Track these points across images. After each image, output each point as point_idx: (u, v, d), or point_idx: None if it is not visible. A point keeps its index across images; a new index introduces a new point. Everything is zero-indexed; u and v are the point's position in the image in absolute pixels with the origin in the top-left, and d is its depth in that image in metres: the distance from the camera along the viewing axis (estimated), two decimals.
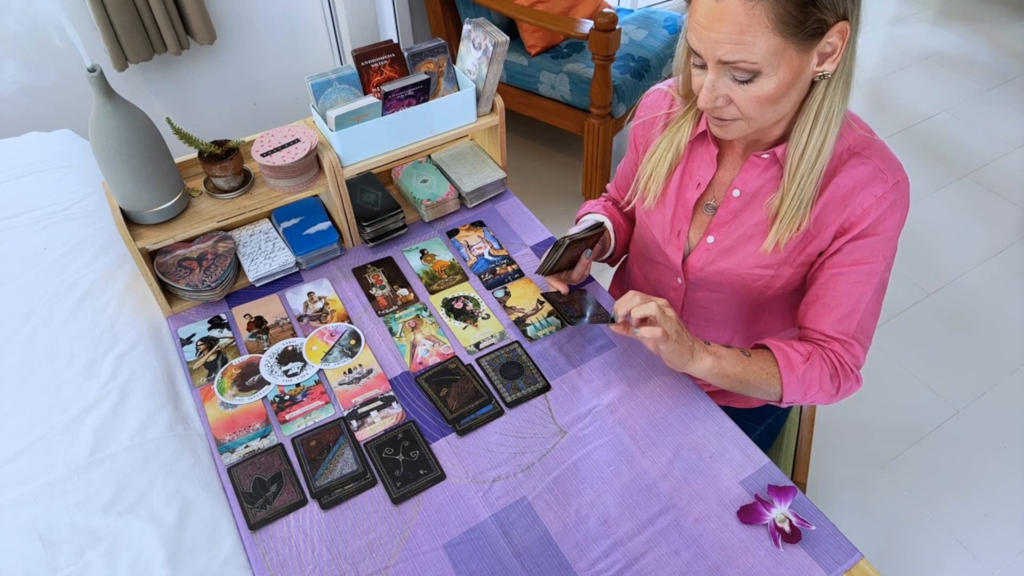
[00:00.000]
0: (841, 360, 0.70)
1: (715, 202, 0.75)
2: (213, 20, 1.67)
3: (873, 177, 0.67)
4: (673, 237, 0.78)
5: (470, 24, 0.90)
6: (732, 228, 0.74)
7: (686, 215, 0.77)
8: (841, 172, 0.67)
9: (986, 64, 2.36)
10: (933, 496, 1.27)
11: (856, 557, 0.62)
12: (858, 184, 0.67)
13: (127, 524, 0.65)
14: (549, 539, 0.64)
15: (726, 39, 0.58)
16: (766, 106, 0.62)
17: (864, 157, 0.67)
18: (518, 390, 0.76)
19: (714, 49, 0.59)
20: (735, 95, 0.62)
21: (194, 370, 0.79)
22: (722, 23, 0.57)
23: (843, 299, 0.69)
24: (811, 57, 0.60)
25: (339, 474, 0.69)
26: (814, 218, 0.69)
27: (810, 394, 0.70)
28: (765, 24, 0.56)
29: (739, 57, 0.58)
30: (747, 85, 0.61)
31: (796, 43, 0.58)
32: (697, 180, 0.75)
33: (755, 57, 0.58)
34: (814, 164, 0.66)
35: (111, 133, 0.74)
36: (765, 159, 0.70)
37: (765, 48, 0.57)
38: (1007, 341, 1.52)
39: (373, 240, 0.93)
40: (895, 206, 0.67)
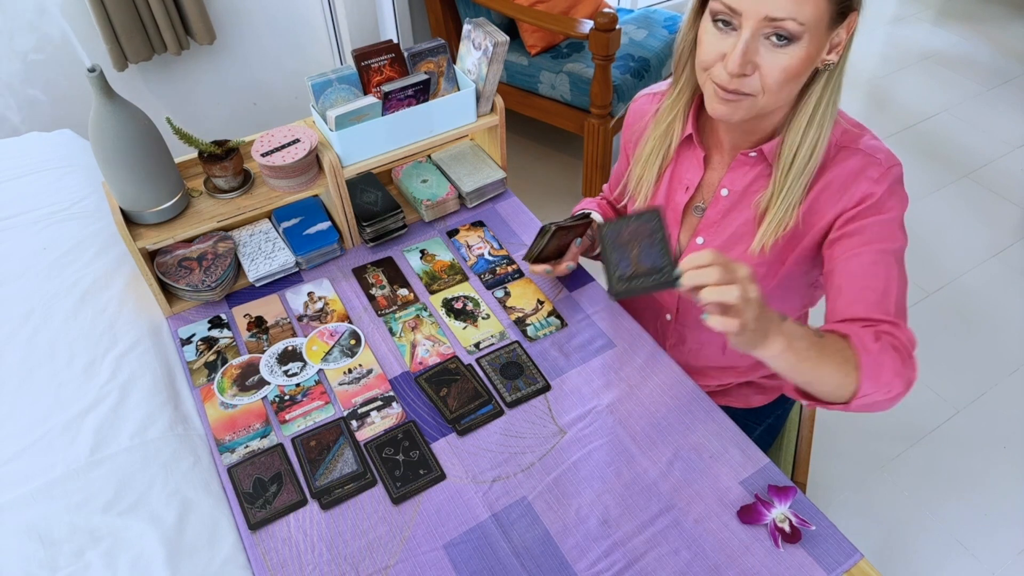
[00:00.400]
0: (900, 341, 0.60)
1: (704, 203, 0.75)
2: (213, 20, 1.67)
3: (866, 163, 0.66)
4: None
5: (470, 24, 0.90)
6: (721, 228, 0.74)
7: (675, 219, 0.77)
8: (831, 167, 0.67)
9: (986, 64, 2.36)
10: (933, 496, 1.27)
11: (856, 557, 0.62)
12: (852, 173, 0.66)
13: (127, 524, 0.65)
14: (549, 539, 0.64)
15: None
16: (789, 81, 0.60)
17: (852, 150, 0.67)
18: (518, 390, 0.76)
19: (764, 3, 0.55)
20: (765, 62, 0.59)
21: (194, 370, 0.79)
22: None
23: (872, 280, 0.62)
24: (828, 41, 0.59)
25: (339, 474, 0.69)
26: (803, 214, 0.68)
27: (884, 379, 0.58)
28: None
29: (790, 13, 0.55)
30: (781, 51, 0.58)
31: (830, 19, 0.57)
32: (686, 184, 0.75)
33: (804, 17, 0.56)
34: (807, 163, 0.65)
35: (111, 133, 0.73)
36: (752, 157, 0.70)
37: (814, 10, 0.56)
38: (1007, 341, 1.52)
39: (373, 240, 0.93)
40: (894, 188, 0.65)
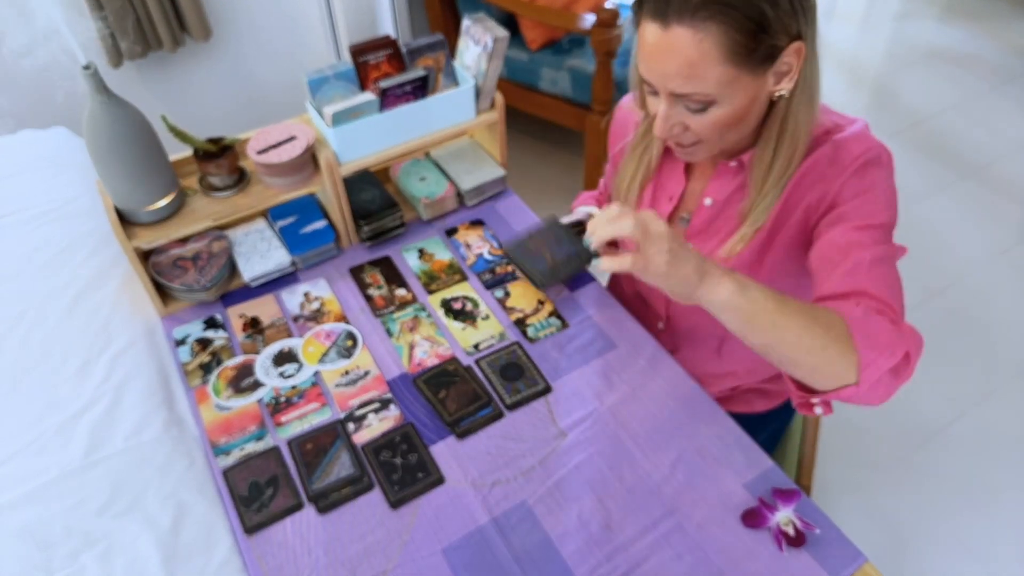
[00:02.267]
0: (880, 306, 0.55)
1: (688, 214, 0.75)
2: (209, 16, 1.66)
3: (833, 152, 0.64)
4: None
5: (469, 19, 0.89)
6: (706, 237, 0.73)
7: None
8: (806, 159, 0.66)
9: (992, 62, 2.34)
10: (939, 499, 1.26)
11: (860, 561, 0.61)
12: (824, 162, 0.64)
13: (122, 527, 0.64)
14: (550, 544, 0.63)
15: (676, 72, 0.56)
16: (725, 130, 0.62)
17: (821, 140, 0.66)
18: (518, 392, 0.75)
19: (665, 82, 0.58)
20: (691, 123, 0.61)
21: (189, 371, 0.78)
22: (671, 56, 0.56)
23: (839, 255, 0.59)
24: (766, 79, 0.59)
25: (336, 477, 0.68)
26: (775, 214, 0.67)
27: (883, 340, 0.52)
28: (715, 56, 0.55)
29: (691, 90, 0.57)
30: (702, 114, 0.60)
31: (748, 70, 0.57)
32: (669, 194, 0.75)
33: (707, 89, 0.57)
34: (781, 177, 0.65)
35: (105, 131, 0.73)
36: (733, 167, 0.70)
37: (716, 79, 0.56)
38: (1013, 342, 1.50)
39: (370, 239, 0.92)
40: (863, 171, 0.62)
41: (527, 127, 2.08)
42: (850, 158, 0.64)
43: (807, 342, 0.52)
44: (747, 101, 0.59)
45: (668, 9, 0.55)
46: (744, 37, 0.55)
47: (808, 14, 0.58)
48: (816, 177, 0.65)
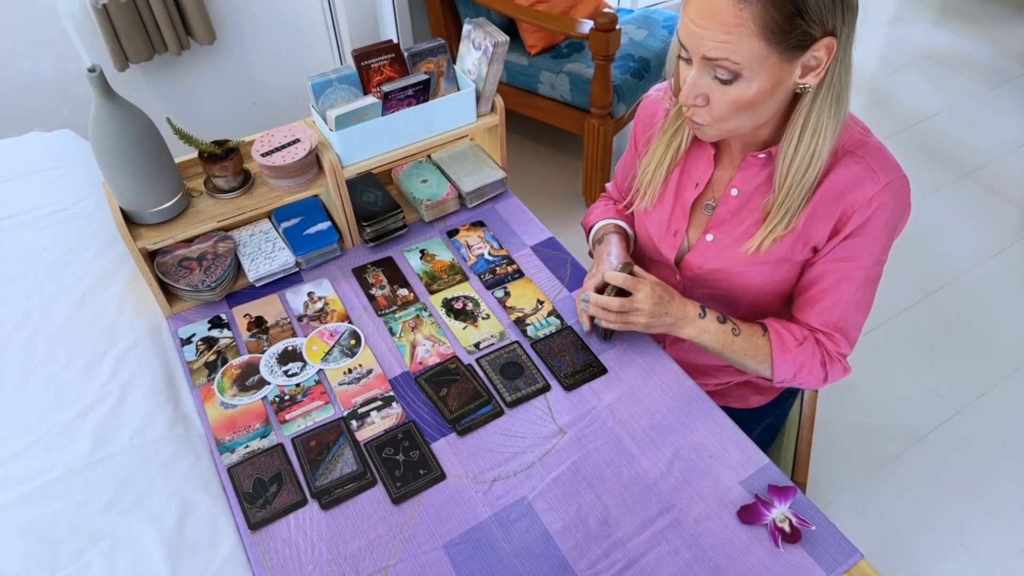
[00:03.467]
0: (826, 349, 0.73)
1: (714, 201, 0.76)
2: (213, 20, 1.67)
3: (865, 177, 0.67)
4: (669, 236, 0.79)
5: (470, 24, 0.90)
6: (730, 226, 0.74)
7: (684, 214, 0.77)
8: (834, 170, 0.68)
9: (986, 64, 2.36)
10: (933, 496, 1.27)
11: (856, 557, 0.62)
12: (849, 184, 0.67)
13: (127, 524, 0.65)
14: (549, 539, 0.64)
15: (712, 36, 0.58)
16: (741, 111, 0.63)
17: (857, 156, 0.67)
18: (518, 390, 0.76)
19: (700, 44, 0.59)
20: (714, 95, 0.62)
21: (194, 370, 0.79)
22: (710, 20, 0.58)
23: (827, 293, 0.71)
24: (794, 68, 0.60)
25: (339, 474, 0.69)
26: (806, 218, 0.69)
27: (800, 376, 0.73)
28: (751, 27, 0.57)
29: (722, 55, 0.59)
30: (727, 86, 0.61)
31: (780, 52, 0.58)
32: (695, 180, 0.76)
33: (738, 58, 0.58)
34: (804, 174, 0.66)
35: (111, 133, 0.74)
36: (762, 159, 0.70)
37: (748, 51, 0.58)
38: (1007, 341, 1.52)
39: (373, 240, 0.93)
40: (886, 206, 0.67)
41: (527, 130, 2.09)
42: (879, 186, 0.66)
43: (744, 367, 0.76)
44: (770, 84, 0.60)
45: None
46: (781, 17, 0.56)
47: (847, 14, 0.59)
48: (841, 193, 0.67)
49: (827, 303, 0.72)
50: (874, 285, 0.72)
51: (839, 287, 0.71)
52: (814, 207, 0.68)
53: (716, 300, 0.80)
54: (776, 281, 0.75)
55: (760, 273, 0.74)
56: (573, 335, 0.82)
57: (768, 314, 0.81)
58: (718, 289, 0.78)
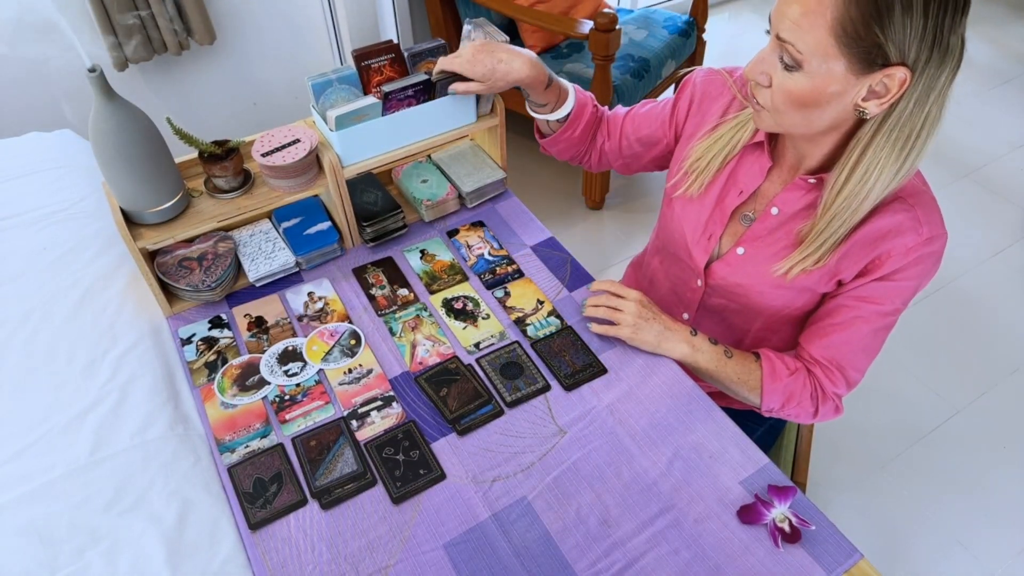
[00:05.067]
0: (821, 384, 0.72)
1: (753, 214, 0.74)
2: (213, 20, 1.67)
3: (909, 227, 0.65)
4: (704, 239, 0.77)
5: (470, 24, 0.90)
6: (763, 245, 0.73)
7: (722, 220, 0.75)
8: (880, 213, 0.66)
9: (986, 64, 2.36)
10: (933, 496, 1.27)
11: (856, 557, 0.62)
12: (892, 231, 0.65)
13: (127, 524, 0.65)
14: (549, 539, 0.64)
15: (790, 14, 0.57)
16: (795, 107, 0.61)
17: (908, 204, 0.66)
18: (518, 390, 0.76)
19: (779, 21, 0.58)
20: (775, 79, 0.61)
21: (194, 370, 0.79)
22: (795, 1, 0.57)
23: (838, 328, 0.70)
24: (860, 85, 0.57)
25: (339, 474, 0.69)
26: (839, 256, 0.67)
27: (788, 407, 0.73)
28: (825, 18, 0.55)
29: (791, 38, 0.57)
30: (787, 73, 0.59)
31: (848, 58, 0.56)
32: (741, 187, 0.74)
33: (803, 46, 0.57)
34: (850, 210, 0.64)
35: (111, 133, 0.73)
36: (811, 183, 0.69)
37: (814, 43, 0.56)
38: (1007, 341, 1.52)
39: (373, 240, 0.93)
40: (922, 260, 0.66)
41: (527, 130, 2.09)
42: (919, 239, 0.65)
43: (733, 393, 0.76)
44: (828, 89, 0.58)
45: None
46: (859, 16, 0.53)
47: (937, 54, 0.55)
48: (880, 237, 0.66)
49: (836, 339, 0.70)
50: (886, 333, 0.70)
51: (853, 325, 0.69)
52: (849, 246, 0.67)
53: (731, 313, 0.79)
54: (795, 307, 0.74)
55: (781, 297, 0.73)
56: (573, 335, 0.82)
57: (778, 337, 0.80)
58: (736, 303, 0.77)
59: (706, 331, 0.83)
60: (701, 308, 0.82)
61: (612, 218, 1.84)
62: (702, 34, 1.90)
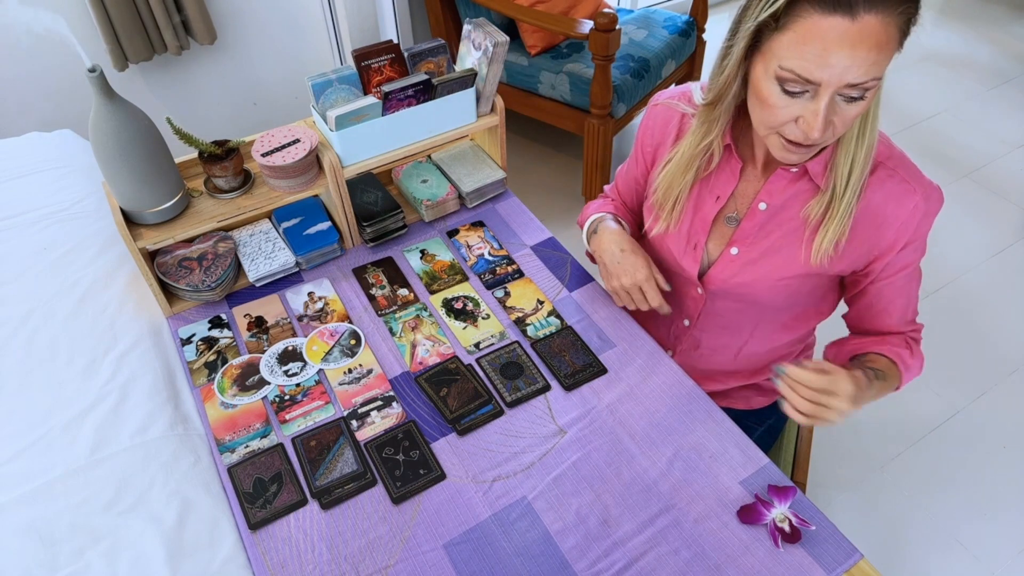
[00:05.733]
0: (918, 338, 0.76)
1: (737, 214, 0.73)
2: (213, 20, 1.67)
3: (903, 192, 0.66)
4: (690, 250, 0.76)
5: (470, 24, 0.90)
6: (758, 240, 0.72)
7: (704, 228, 0.75)
8: (870, 186, 0.66)
9: (986, 64, 2.36)
10: (933, 496, 1.27)
11: (856, 557, 0.62)
12: (889, 201, 0.66)
13: (127, 524, 0.65)
14: (549, 539, 0.64)
15: (863, 60, 0.53)
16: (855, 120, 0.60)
17: (889, 168, 0.66)
18: (518, 390, 0.76)
19: (844, 74, 0.54)
20: (840, 115, 0.58)
21: (194, 370, 0.79)
22: (861, 45, 0.53)
23: (897, 300, 0.73)
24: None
25: (339, 474, 0.69)
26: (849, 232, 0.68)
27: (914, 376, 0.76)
28: (896, 38, 0.54)
29: (871, 75, 0.54)
30: (856, 103, 0.57)
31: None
32: (716, 193, 0.73)
33: (880, 72, 0.55)
34: (863, 171, 0.64)
35: (111, 133, 0.74)
36: (793, 172, 0.69)
37: (888, 60, 0.55)
38: (1007, 341, 1.52)
39: (373, 240, 0.93)
40: (928, 215, 0.67)
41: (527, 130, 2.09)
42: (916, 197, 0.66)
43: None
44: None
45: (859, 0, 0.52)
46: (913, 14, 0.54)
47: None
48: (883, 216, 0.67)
49: (897, 313, 0.74)
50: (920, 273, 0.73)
51: (905, 291, 0.73)
52: (855, 222, 0.67)
53: (739, 312, 0.79)
54: (803, 293, 0.74)
55: (790, 286, 0.73)
56: (573, 335, 0.82)
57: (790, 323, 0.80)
58: (742, 301, 0.77)
59: (708, 335, 0.83)
60: (703, 314, 0.82)
61: None
62: (702, 34, 1.90)
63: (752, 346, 0.82)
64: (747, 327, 0.81)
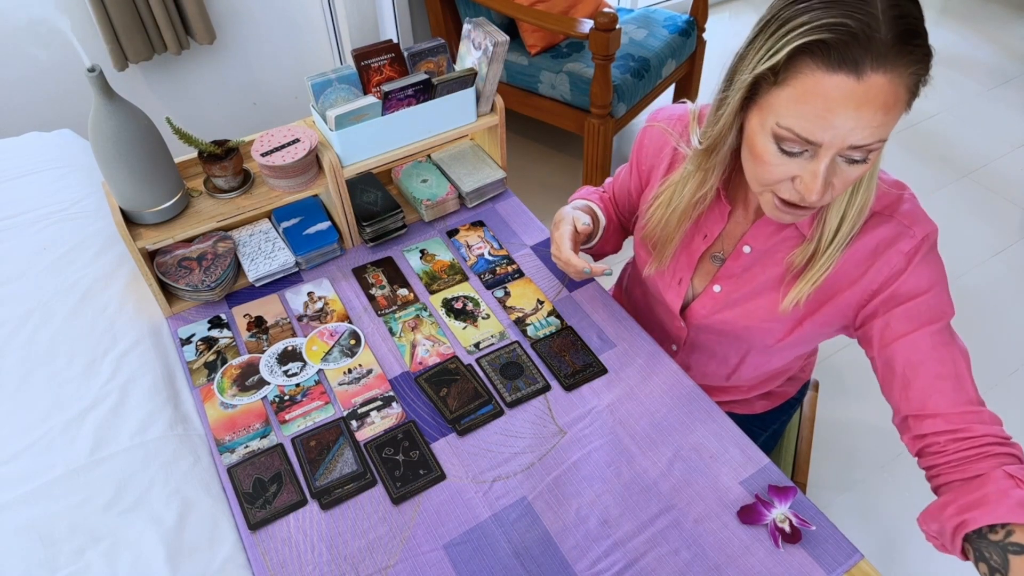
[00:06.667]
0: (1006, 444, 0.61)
1: (722, 254, 0.72)
2: (213, 20, 1.67)
3: (898, 234, 0.62)
4: (674, 284, 0.76)
5: (470, 24, 0.90)
6: (741, 281, 0.71)
7: (689, 264, 0.74)
8: (862, 233, 0.63)
9: (987, 64, 2.36)
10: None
11: (856, 557, 0.62)
12: (881, 244, 0.62)
13: (127, 524, 0.65)
14: (549, 539, 0.64)
15: (869, 122, 0.50)
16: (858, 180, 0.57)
17: (884, 216, 0.63)
18: (518, 390, 0.76)
19: (847, 136, 0.51)
20: (839, 176, 0.54)
21: (194, 370, 0.79)
22: (867, 106, 0.49)
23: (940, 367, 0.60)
24: None
25: (339, 474, 0.69)
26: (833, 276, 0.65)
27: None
28: (903, 99, 0.50)
29: (877, 137, 0.51)
30: (857, 165, 0.53)
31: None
32: (704, 232, 0.72)
33: (886, 134, 0.51)
34: (853, 227, 0.61)
35: (111, 133, 0.73)
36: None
37: (895, 121, 0.51)
38: (1007, 341, 1.52)
39: (373, 240, 0.93)
40: (928, 258, 0.62)
41: (526, 130, 2.09)
42: (915, 241, 0.61)
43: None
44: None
45: (866, 57, 0.47)
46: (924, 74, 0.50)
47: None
48: (873, 253, 0.63)
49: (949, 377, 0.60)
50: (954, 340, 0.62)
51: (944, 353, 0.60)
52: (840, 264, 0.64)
53: (721, 344, 0.78)
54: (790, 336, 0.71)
55: (772, 328, 0.71)
56: (573, 335, 0.82)
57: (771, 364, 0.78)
58: (724, 336, 0.76)
59: (696, 363, 0.82)
60: (687, 343, 0.82)
61: None
62: (702, 34, 1.90)
63: (743, 371, 0.81)
64: (734, 357, 0.80)
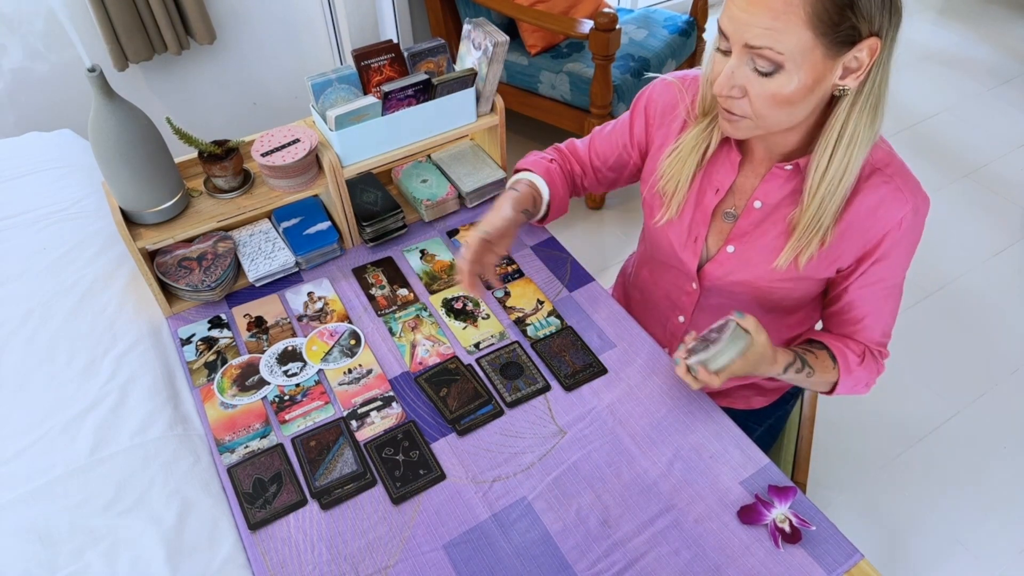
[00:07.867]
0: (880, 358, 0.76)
1: (735, 210, 0.73)
2: (213, 20, 1.67)
3: (893, 198, 0.66)
4: (690, 243, 0.76)
5: (470, 24, 0.90)
6: (752, 239, 0.72)
7: (704, 220, 0.75)
8: (863, 191, 0.66)
9: (987, 64, 2.36)
10: (933, 496, 1.27)
11: (856, 557, 0.62)
12: (879, 205, 0.66)
13: (127, 524, 0.65)
14: (549, 539, 0.64)
15: (758, 22, 0.55)
16: (780, 107, 0.60)
17: (886, 175, 0.66)
18: (518, 390, 0.76)
19: (743, 31, 0.57)
20: (752, 88, 0.59)
21: (194, 370, 0.79)
22: (758, 5, 0.55)
23: (871, 312, 0.72)
24: (836, 67, 0.58)
25: (339, 474, 0.69)
26: (838, 236, 0.68)
27: (855, 388, 0.75)
28: (800, 16, 0.54)
29: (767, 43, 0.56)
30: (766, 79, 0.58)
31: (825, 45, 0.56)
32: (716, 186, 0.73)
33: (782, 48, 0.56)
34: (837, 187, 0.64)
35: (111, 133, 0.74)
36: (788, 170, 0.68)
37: (795, 41, 0.55)
38: (1007, 341, 1.52)
39: (373, 240, 0.93)
40: (913, 228, 0.67)
41: (527, 130, 2.09)
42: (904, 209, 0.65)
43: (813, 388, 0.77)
44: (811, 80, 0.58)
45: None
46: (832, 6, 0.54)
47: (894, 17, 0.57)
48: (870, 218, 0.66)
49: (869, 323, 0.73)
50: (900, 293, 0.73)
51: (884, 306, 0.72)
52: (846, 225, 0.67)
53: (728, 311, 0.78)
54: (793, 297, 0.74)
55: (782, 288, 0.73)
56: (573, 335, 0.82)
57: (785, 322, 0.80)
58: (736, 299, 0.77)
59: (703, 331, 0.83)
60: (698, 309, 0.82)
61: (612, 218, 1.84)
62: (702, 34, 1.90)
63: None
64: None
